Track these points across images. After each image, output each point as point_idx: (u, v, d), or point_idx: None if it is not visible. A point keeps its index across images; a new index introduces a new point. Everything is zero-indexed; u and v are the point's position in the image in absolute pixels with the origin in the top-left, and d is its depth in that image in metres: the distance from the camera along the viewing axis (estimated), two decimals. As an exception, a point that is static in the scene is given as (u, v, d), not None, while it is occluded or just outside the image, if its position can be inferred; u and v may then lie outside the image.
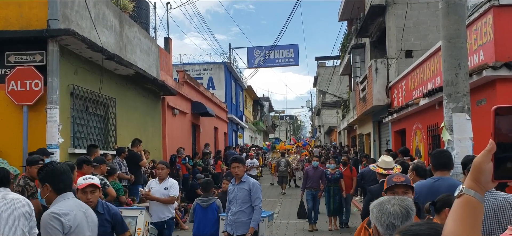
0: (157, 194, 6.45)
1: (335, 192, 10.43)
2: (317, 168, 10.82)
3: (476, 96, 7.27)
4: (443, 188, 4.02)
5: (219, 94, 25.01)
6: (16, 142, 7.10)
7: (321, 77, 41.87)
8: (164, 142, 13.38)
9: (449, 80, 5.53)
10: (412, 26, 13.22)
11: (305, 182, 10.81)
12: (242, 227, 5.53)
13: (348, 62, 21.26)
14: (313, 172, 10.70)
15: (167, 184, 6.57)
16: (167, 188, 6.47)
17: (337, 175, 10.55)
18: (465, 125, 5.41)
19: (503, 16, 6.81)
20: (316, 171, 10.70)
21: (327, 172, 10.58)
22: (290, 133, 77.72)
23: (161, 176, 6.58)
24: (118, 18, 9.63)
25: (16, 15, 7.34)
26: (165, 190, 6.47)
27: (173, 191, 6.54)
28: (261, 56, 30.78)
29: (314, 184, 10.55)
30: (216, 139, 22.63)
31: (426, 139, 10.20)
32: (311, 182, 10.61)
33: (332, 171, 10.66)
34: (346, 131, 28.11)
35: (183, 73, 16.35)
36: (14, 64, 7.26)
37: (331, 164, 10.97)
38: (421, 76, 10.48)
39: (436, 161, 4.27)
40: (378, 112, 14.97)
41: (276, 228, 10.08)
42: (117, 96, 9.84)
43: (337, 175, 10.53)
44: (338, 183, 10.49)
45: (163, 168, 6.66)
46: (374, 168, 6.21)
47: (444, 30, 5.63)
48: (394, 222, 2.29)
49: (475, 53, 7.46)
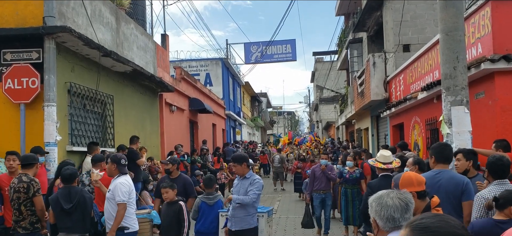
0: None
1: (354, 195, 8.59)
2: (326, 166, 9.20)
3: (475, 89, 7.27)
4: (444, 181, 4.05)
5: (216, 90, 24.97)
6: (14, 140, 7.06)
7: (319, 72, 41.90)
8: (162, 139, 13.36)
9: (447, 74, 5.53)
10: (409, 20, 13.21)
11: (312, 183, 9.16)
12: (240, 222, 5.52)
13: (345, 57, 21.26)
14: (320, 171, 9.11)
15: (112, 185, 5.37)
16: (110, 190, 5.33)
17: (357, 174, 8.69)
18: (464, 118, 5.41)
19: (501, 9, 6.80)
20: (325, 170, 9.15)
21: (344, 171, 8.86)
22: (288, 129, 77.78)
23: None
24: (114, 15, 9.58)
25: (12, 12, 7.30)
26: (109, 193, 5.37)
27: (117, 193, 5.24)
28: (259, 51, 30.74)
29: (323, 185, 9.03)
30: (214, 136, 22.62)
31: (425, 132, 10.20)
32: (319, 183, 9.03)
33: (350, 170, 8.76)
34: (344, 126, 28.12)
35: (180, 70, 16.31)
36: (11, 62, 7.23)
37: (349, 161, 8.88)
38: (419, 70, 10.47)
39: (440, 154, 4.26)
40: (376, 107, 14.97)
41: (275, 224, 10.08)
42: (115, 93, 9.80)
43: (356, 175, 8.69)
44: (357, 185, 8.68)
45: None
46: (373, 163, 6.22)
47: (442, 23, 5.62)
48: (393, 215, 2.29)
49: (473, 46, 7.46)
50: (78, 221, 5.17)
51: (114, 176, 5.36)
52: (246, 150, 23.36)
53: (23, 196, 5.26)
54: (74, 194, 5.21)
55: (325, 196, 9.07)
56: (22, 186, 5.26)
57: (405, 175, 3.31)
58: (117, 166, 5.30)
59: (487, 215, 3.62)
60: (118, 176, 5.33)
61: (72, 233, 5.14)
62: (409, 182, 3.19)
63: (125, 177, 5.33)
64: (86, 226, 5.32)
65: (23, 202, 5.28)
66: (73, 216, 5.15)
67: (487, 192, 3.72)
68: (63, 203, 5.11)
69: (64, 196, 5.17)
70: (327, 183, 9.13)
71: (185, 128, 16.44)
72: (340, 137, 30.69)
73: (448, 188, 4.00)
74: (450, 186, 4.02)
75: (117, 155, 5.51)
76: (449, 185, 4.02)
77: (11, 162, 5.77)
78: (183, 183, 6.76)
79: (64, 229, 5.18)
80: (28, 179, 5.34)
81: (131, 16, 11.02)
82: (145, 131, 11.80)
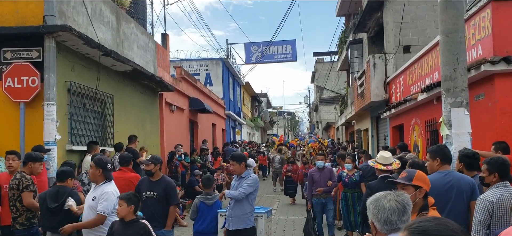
0: (85, 210, 4.86)
1: (354, 199, 8.20)
2: (324, 169, 8.69)
3: (475, 91, 7.26)
4: (455, 181, 4.16)
5: (216, 90, 24.95)
6: (13, 139, 7.06)
7: (319, 73, 41.88)
8: (162, 139, 13.35)
9: (447, 75, 5.53)
10: (410, 21, 13.21)
11: (311, 188, 8.60)
12: (237, 222, 5.54)
13: (346, 58, 21.25)
14: (318, 174, 8.57)
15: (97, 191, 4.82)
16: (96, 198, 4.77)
17: (356, 178, 8.28)
18: (464, 120, 5.41)
19: (502, 10, 6.80)
20: (323, 173, 8.61)
21: (343, 174, 8.42)
22: (287, 129, 77.76)
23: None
24: (115, 14, 9.58)
25: (12, 11, 7.29)
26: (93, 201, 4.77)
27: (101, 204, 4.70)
28: (259, 52, 30.72)
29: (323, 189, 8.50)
30: (214, 136, 22.60)
31: (424, 134, 10.20)
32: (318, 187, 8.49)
33: (349, 173, 8.33)
34: (344, 127, 28.12)
35: (180, 70, 16.30)
36: (11, 60, 7.22)
37: (347, 164, 8.41)
38: (419, 72, 10.47)
39: (445, 155, 4.35)
40: (376, 108, 14.97)
41: (274, 224, 10.08)
42: (115, 92, 9.80)
43: (356, 178, 8.27)
44: (357, 188, 8.28)
45: None
46: (373, 164, 6.22)
47: (442, 24, 5.62)
48: (390, 218, 2.29)
49: (474, 48, 7.45)
50: (62, 222, 4.83)
51: (99, 183, 4.84)
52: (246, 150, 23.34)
53: (16, 193, 5.41)
54: (62, 193, 5.09)
55: (325, 201, 8.48)
56: (14, 183, 5.41)
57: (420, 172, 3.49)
58: (103, 171, 4.82)
59: (490, 219, 3.61)
60: (104, 182, 4.83)
61: (56, 233, 4.89)
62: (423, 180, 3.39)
63: (114, 186, 4.89)
64: None
65: (17, 199, 5.42)
66: (57, 216, 4.99)
67: (490, 194, 3.72)
68: (49, 202, 5.05)
69: (51, 195, 5.12)
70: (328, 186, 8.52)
71: (185, 128, 16.43)
72: (340, 138, 30.69)
73: (460, 188, 4.11)
74: (462, 185, 4.13)
75: (103, 159, 4.97)
76: (461, 184, 4.13)
77: (10, 161, 5.81)
78: (165, 187, 5.73)
79: (48, 229, 5.11)
80: (20, 175, 5.46)
81: (131, 16, 11.02)
82: (145, 131, 11.79)
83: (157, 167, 5.86)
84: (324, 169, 8.68)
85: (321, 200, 8.47)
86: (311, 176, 8.67)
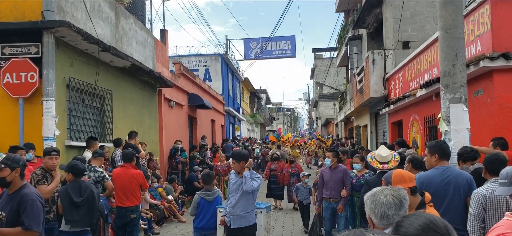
0: None
1: None
2: (337, 168, 7.33)
3: (473, 87, 7.27)
4: (452, 177, 4.17)
5: (215, 86, 24.93)
6: (12, 135, 7.06)
7: (318, 69, 41.89)
8: (161, 134, 13.35)
9: (446, 71, 5.53)
10: (409, 17, 13.20)
11: (322, 189, 7.43)
12: (239, 220, 5.50)
13: (345, 54, 21.24)
14: (329, 174, 7.32)
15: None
16: None
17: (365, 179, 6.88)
18: (462, 116, 5.42)
19: (501, 7, 6.80)
20: (334, 172, 7.29)
21: (351, 174, 7.29)
22: (287, 125, 77.77)
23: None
24: (113, 9, 9.56)
25: (10, 6, 7.27)
26: None
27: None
28: (258, 48, 30.71)
29: (334, 192, 7.24)
30: (213, 132, 22.60)
31: (423, 130, 10.21)
32: (330, 190, 7.28)
33: (358, 174, 7.24)
34: (343, 123, 28.15)
35: (179, 65, 16.28)
36: (9, 56, 7.20)
37: (356, 164, 7.32)
38: (418, 68, 10.47)
39: (444, 151, 4.35)
40: (375, 104, 14.98)
41: (273, 220, 10.10)
42: (113, 88, 9.79)
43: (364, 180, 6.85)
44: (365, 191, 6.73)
45: None
46: (370, 160, 6.15)
47: (441, 20, 5.62)
48: (387, 212, 2.31)
49: (473, 44, 7.45)
50: (86, 215, 5.22)
51: None
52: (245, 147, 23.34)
53: None
54: (84, 188, 5.28)
55: (337, 206, 7.21)
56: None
57: (396, 172, 3.33)
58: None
59: (484, 212, 3.63)
60: None
61: (78, 226, 5.20)
62: (401, 179, 3.22)
63: None
64: (92, 221, 5.37)
65: None
66: (81, 210, 5.20)
67: (484, 189, 3.74)
68: (73, 195, 5.16)
69: (74, 189, 5.21)
70: (339, 189, 7.23)
71: (184, 124, 16.43)
72: (339, 134, 30.72)
73: (458, 183, 4.13)
74: (459, 181, 4.14)
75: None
76: (458, 180, 4.14)
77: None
78: (19, 200, 3.68)
79: (70, 222, 5.22)
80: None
81: (130, 11, 11.00)
82: (144, 126, 11.80)
83: (15, 173, 3.75)
84: (336, 168, 7.34)
85: (331, 204, 7.27)
86: (321, 175, 7.57)
